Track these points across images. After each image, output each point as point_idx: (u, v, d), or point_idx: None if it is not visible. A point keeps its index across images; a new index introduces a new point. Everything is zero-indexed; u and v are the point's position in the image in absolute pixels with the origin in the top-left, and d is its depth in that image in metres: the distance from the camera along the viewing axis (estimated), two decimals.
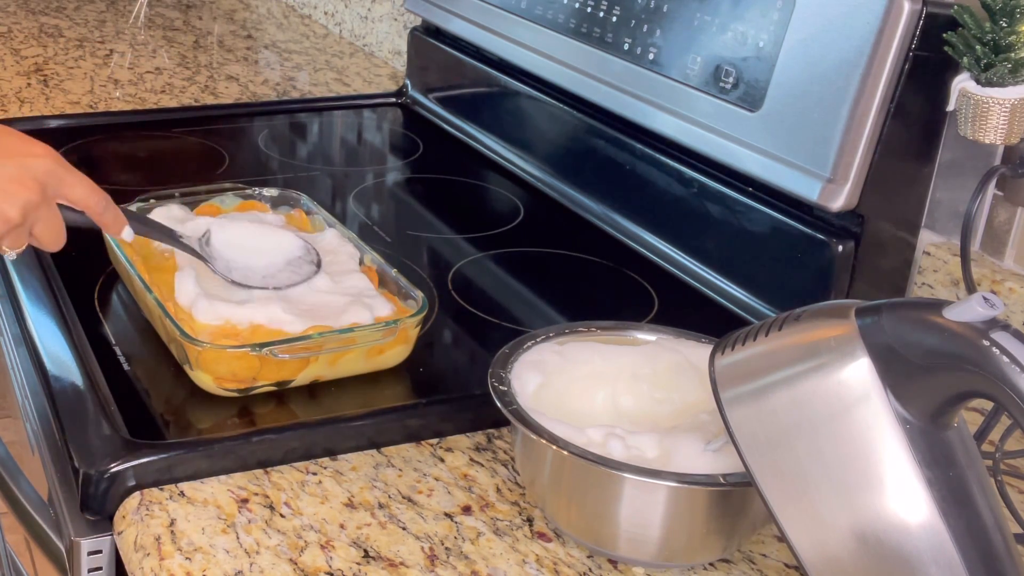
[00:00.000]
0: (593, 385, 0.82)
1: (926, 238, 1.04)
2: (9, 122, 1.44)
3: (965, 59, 0.92)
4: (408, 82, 1.71)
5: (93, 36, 1.97)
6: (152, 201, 1.09)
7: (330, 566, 0.74)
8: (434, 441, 0.88)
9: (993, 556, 0.60)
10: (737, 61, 1.06)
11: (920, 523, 0.60)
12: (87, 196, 0.85)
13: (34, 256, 1.09)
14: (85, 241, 1.07)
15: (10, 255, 0.84)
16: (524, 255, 1.23)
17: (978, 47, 0.91)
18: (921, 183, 1.01)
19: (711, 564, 0.77)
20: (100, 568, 0.81)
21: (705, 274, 1.14)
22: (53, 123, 1.51)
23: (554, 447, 0.73)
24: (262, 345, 0.87)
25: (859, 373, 0.61)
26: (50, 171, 0.81)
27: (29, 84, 1.67)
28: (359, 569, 0.74)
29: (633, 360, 0.83)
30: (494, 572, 0.75)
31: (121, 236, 0.90)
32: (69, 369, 0.91)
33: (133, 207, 1.08)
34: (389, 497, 0.81)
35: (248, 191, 1.14)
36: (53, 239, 0.84)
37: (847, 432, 0.62)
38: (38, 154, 0.82)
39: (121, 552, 0.78)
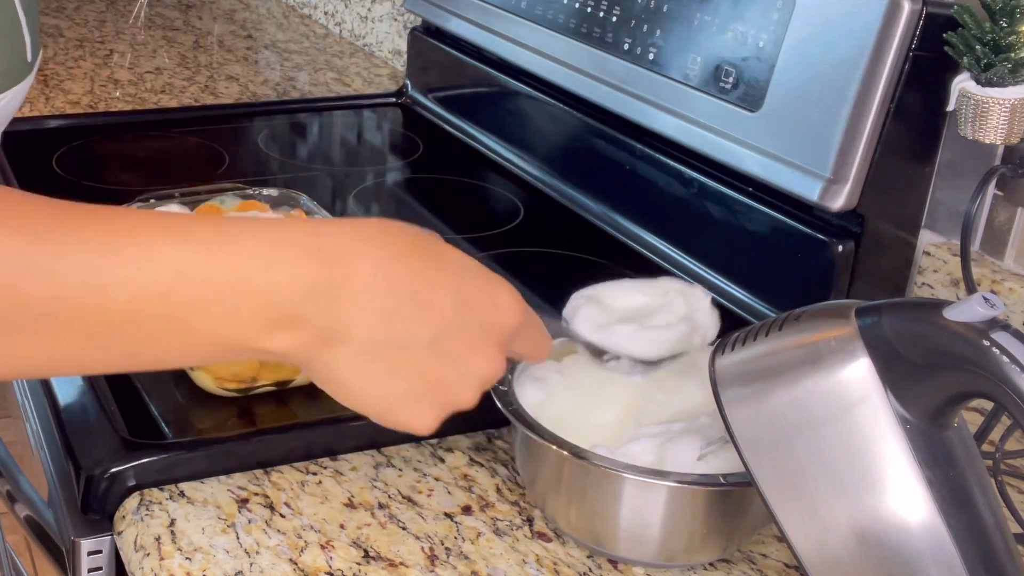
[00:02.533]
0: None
1: (926, 238, 1.04)
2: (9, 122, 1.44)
3: (965, 59, 0.92)
4: (408, 82, 1.71)
5: (93, 36, 1.97)
6: (152, 201, 1.09)
7: (330, 566, 0.74)
8: (434, 441, 0.88)
9: (993, 556, 0.60)
10: (737, 61, 1.06)
11: (920, 523, 0.60)
12: (534, 351, 0.69)
13: None
14: None
15: None
16: (524, 255, 1.23)
17: (978, 47, 0.91)
18: (921, 183, 1.01)
19: (711, 564, 0.77)
20: (100, 568, 0.81)
21: (705, 274, 1.14)
22: (53, 123, 1.51)
23: (554, 447, 0.73)
24: None
25: (859, 373, 0.61)
26: (514, 330, 0.65)
27: None
28: (359, 569, 0.74)
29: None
30: (494, 572, 0.74)
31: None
32: None
33: (134, 207, 1.08)
34: (389, 497, 0.81)
35: (248, 191, 1.14)
36: (537, 352, 0.70)
37: (847, 432, 0.62)
38: (504, 306, 0.64)
39: (121, 552, 0.78)
